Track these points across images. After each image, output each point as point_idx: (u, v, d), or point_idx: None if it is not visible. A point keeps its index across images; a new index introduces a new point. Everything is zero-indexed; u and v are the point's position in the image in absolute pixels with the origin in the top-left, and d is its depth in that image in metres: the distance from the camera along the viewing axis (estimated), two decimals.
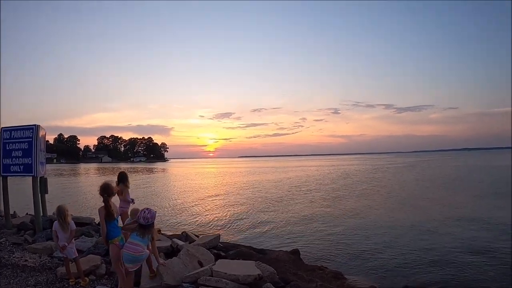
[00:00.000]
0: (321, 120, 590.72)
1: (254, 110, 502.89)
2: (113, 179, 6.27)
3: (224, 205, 20.26)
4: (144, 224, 4.36)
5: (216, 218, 15.76)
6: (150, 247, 4.64)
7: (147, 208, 4.49)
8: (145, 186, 34.60)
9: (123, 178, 6.13)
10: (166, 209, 18.64)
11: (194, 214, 17.07)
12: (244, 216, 16.02)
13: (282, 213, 16.68)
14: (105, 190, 4.63)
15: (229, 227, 13.88)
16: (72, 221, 5.35)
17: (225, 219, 15.44)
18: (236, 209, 18.20)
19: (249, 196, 24.01)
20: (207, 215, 16.82)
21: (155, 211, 4.54)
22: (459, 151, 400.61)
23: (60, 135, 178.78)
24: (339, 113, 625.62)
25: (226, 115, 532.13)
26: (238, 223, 14.60)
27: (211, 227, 14.04)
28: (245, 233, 12.89)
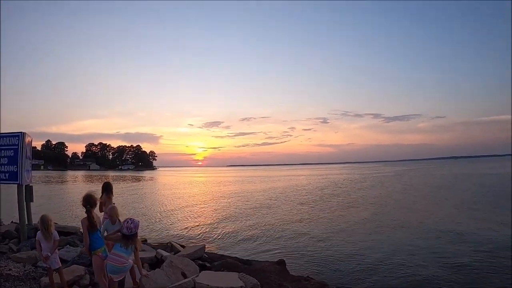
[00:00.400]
0: (309, 129, 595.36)
1: (243, 119, 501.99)
2: (99, 187, 6.31)
3: (212, 215, 20.20)
4: (127, 234, 4.39)
5: (203, 228, 15.70)
6: (134, 258, 4.66)
7: (130, 218, 4.52)
8: (131, 194, 34.28)
9: (107, 189, 6.13)
10: (151, 219, 18.47)
11: (181, 224, 16.98)
12: (232, 226, 16.00)
13: (270, 223, 16.69)
14: (88, 201, 4.66)
15: (215, 237, 13.85)
16: (56, 231, 5.31)
17: (212, 229, 15.39)
18: (223, 219, 18.16)
19: (237, 206, 23.98)
20: (194, 225, 16.73)
21: (138, 221, 4.57)
22: (446, 160, 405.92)
23: (48, 141, 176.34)
24: (328, 122, 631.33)
25: (215, 123, 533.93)
26: (225, 233, 14.57)
27: (197, 237, 13.98)
28: (232, 243, 12.88)
